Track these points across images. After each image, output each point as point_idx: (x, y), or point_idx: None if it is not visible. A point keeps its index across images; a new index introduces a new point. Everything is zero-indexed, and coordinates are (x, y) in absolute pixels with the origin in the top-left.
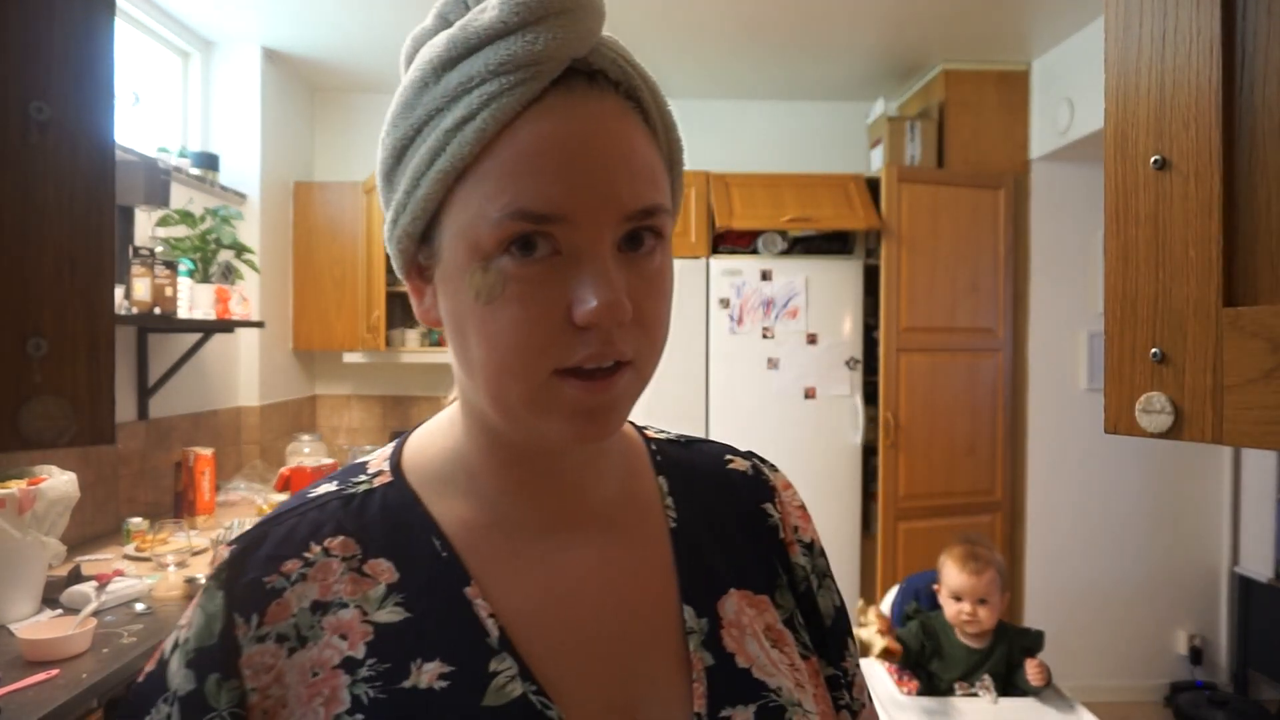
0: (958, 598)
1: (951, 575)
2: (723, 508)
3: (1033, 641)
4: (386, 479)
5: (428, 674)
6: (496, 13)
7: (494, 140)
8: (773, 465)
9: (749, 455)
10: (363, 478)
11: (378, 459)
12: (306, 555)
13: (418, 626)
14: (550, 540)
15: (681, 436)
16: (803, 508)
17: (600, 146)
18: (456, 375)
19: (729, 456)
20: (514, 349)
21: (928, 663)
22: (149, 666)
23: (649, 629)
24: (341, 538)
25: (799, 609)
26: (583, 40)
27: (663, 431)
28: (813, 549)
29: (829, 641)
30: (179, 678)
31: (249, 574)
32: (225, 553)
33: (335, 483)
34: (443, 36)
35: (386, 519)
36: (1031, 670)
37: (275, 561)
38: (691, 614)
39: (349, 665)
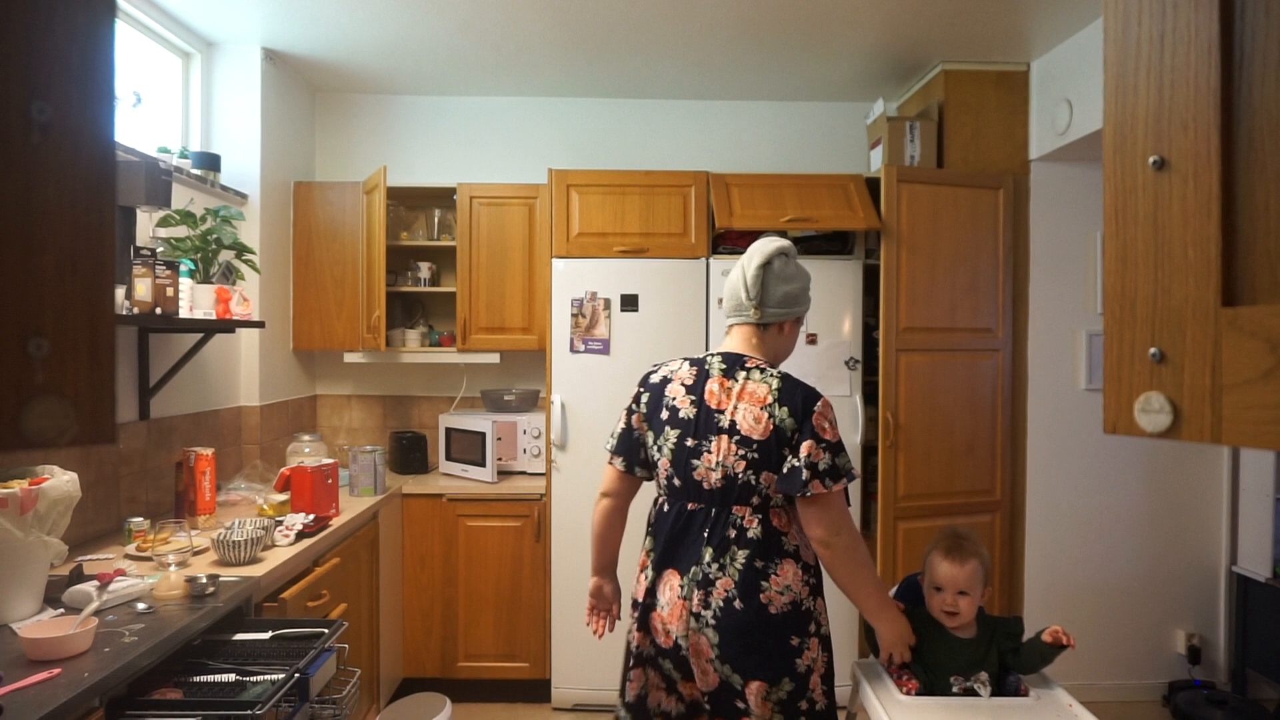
0: (939, 588)
1: (935, 565)
2: None
3: (1013, 629)
4: None
5: None
6: None
7: None
8: None
9: None
10: None
11: None
12: None
13: None
14: None
15: None
16: None
17: None
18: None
19: None
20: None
21: (924, 650)
22: None
23: None
24: None
25: None
26: None
27: None
28: None
29: None
30: None
31: None
32: None
33: None
34: None
35: None
36: (1049, 635)
37: None
38: None
39: None
